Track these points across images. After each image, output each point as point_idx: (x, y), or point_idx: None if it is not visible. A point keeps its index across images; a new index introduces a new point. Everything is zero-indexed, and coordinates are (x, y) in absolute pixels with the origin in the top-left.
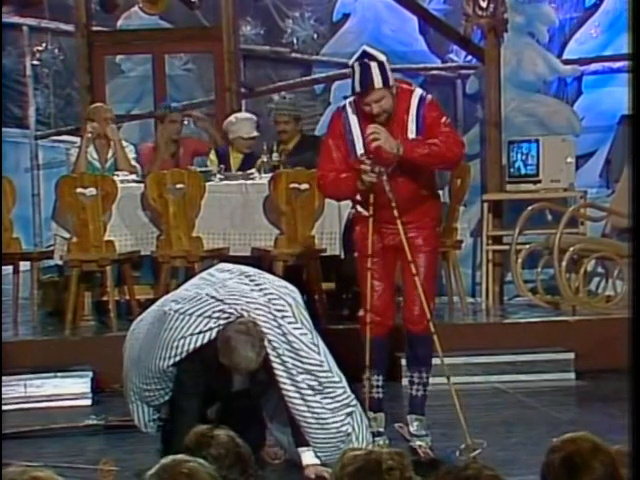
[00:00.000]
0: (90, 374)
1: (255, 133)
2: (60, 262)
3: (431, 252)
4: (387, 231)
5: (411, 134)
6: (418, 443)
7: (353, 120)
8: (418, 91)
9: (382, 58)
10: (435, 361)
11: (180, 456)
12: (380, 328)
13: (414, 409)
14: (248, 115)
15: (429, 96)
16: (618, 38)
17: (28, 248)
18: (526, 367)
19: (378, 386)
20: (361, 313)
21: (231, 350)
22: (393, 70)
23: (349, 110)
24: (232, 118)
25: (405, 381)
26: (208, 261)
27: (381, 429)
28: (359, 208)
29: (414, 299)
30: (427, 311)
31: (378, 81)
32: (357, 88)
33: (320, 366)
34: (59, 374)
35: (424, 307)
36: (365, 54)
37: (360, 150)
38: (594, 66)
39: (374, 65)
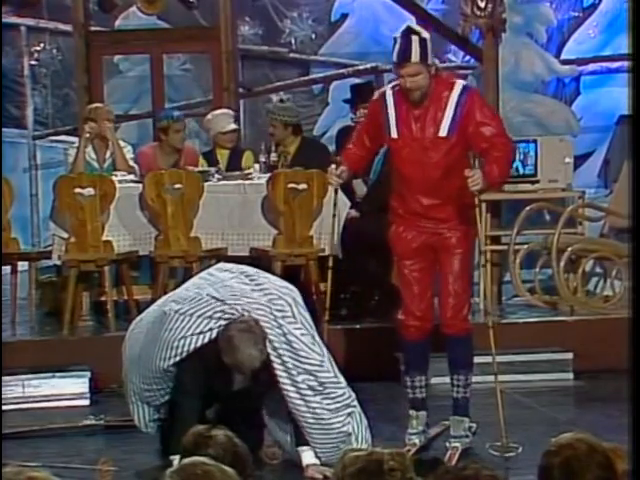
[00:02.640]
0: (88, 374)
1: (233, 126)
2: (58, 262)
3: (465, 253)
4: (422, 229)
5: (446, 120)
6: (454, 445)
7: (390, 103)
8: (461, 82)
9: (425, 35)
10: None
11: (201, 459)
12: (419, 332)
13: (456, 411)
14: (224, 110)
15: (473, 89)
16: (616, 38)
17: (26, 248)
18: (524, 367)
19: (421, 386)
20: (400, 316)
21: (234, 349)
22: (391, 71)
23: (389, 94)
24: (209, 116)
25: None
26: (206, 261)
27: (421, 427)
28: (396, 208)
29: (447, 301)
30: (461, 312)
31: (416, 54)
32: (395, 59)
33: (320, 366)
34: (57, 374)
35: (457, 309)
36: (409, 29)
37: (394, 133)
38: (592, 66)
39: (415, 39)
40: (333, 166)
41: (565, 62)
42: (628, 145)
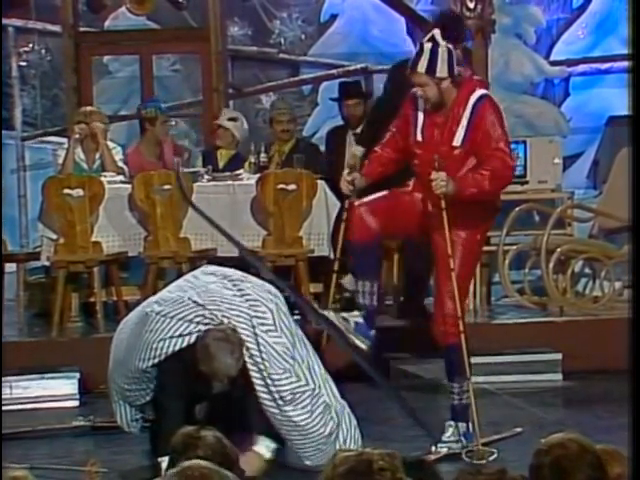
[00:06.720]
0: (77, 375)
1: (224, 122)
2: (47, 263)
3: (465, 254)
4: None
5: (461, 129)
6: (440, 449)
7: (421, 105)
8: (480, 91)
9: (440, 48)
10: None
11: (200, 462)
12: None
13: (452, 416)
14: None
15: (489, 99)
16: (606, 39)
17: (14, 249)
18: (513, 368)
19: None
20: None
21: (210, 357)
22: (380, 71)
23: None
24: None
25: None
26: (196, 262)
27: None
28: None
29: (437, 310)
30: (450, 321)
31: (422, 65)
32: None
33: (289, 374)
34: (46, 375)
35: (447, 318)
36: (430, 37)
37: (419, 136)
38: (581, 67)
39: (427, 48)
40: (346, 171)
41: (554, 63)
42: (631, 145)
